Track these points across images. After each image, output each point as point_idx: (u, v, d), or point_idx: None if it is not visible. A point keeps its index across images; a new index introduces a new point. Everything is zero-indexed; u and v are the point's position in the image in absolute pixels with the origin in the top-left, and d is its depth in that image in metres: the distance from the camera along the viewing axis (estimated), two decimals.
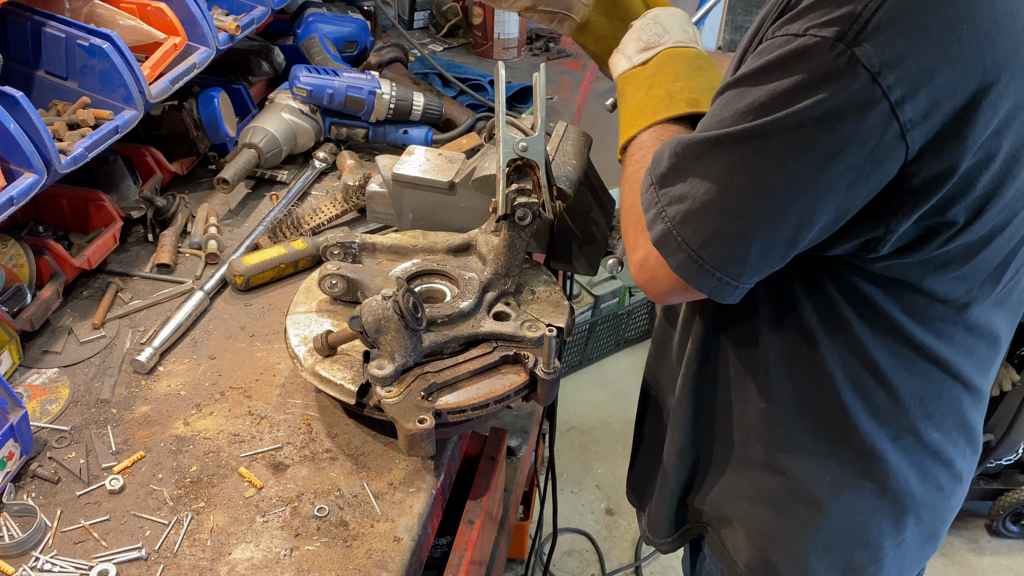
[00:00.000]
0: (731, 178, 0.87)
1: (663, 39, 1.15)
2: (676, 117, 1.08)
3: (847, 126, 0.80)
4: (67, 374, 1.27)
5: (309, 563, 1.02)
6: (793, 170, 0.83)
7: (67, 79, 1.39)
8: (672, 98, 1.09)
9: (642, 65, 1.15)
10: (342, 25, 2.10)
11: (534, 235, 1.27)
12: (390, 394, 1.07)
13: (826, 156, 0.82)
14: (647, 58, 1.15)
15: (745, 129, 0.85)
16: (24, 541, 1.02)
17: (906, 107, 0.79)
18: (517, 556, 2.41)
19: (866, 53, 0.78)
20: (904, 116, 0.79)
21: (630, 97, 1.15)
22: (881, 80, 0.78)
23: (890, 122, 0.80)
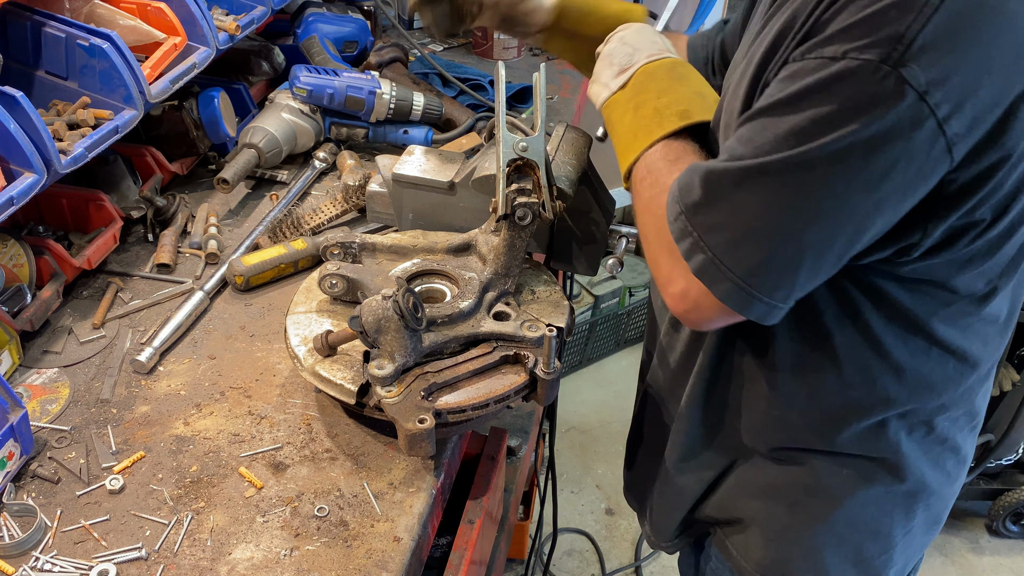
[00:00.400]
0: (777, 206, 0.85)
1: (635, 58, 1.13)
2: (672, 132, 1.06)
3: (896, 147, 0.80)
4: (67, 374, 1.27)
5: (309, 563, 1.02)
6: (842, 194, 0.83)
7: (67, 79, 1.39)
8: (662, 115, 1.07)
9: (621, 89, 1.13)
10: (342, 25, 2.10)
11: (534, 235, 1.27)
12: (390, 394, 1.07)
13: (875, 178, 0.81)
14: (624, 81, 1.13)
15: (788, 157, 0.83)
16: (24, 541, 1.02)
17: (952, 122, 0.79)
18: (517, 556, 2.41)
19: (913, 73, 0.77)
20: (951, 131, 0.80)
21: (618, 123, 1.13)
22: (928, 98, 0.78)
23: (937, 138, 0.80)
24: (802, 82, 0.82)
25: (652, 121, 1.07)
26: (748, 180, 0.86)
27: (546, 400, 1.15)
